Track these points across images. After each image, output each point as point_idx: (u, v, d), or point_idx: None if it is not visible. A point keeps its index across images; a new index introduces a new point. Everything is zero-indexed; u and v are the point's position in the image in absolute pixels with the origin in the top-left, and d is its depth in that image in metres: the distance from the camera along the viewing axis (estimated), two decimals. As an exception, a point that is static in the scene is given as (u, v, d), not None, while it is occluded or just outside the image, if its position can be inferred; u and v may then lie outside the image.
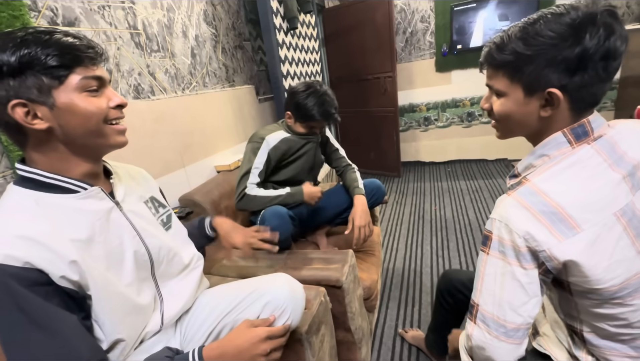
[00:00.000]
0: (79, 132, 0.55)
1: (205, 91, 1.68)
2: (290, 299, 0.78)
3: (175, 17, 1.50)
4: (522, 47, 0.54)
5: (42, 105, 0.52)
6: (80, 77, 0.54)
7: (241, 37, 2.04)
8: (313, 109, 1.28)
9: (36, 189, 0.55)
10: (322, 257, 1.18)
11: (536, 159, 0.59)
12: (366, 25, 3.02)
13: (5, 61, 0.48)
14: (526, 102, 0.57)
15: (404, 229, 2.35)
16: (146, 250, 0.67)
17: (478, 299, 0.60)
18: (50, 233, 0.52)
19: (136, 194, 0.72)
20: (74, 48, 0.53)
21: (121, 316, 0.60)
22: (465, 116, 3.41)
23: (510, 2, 2.84)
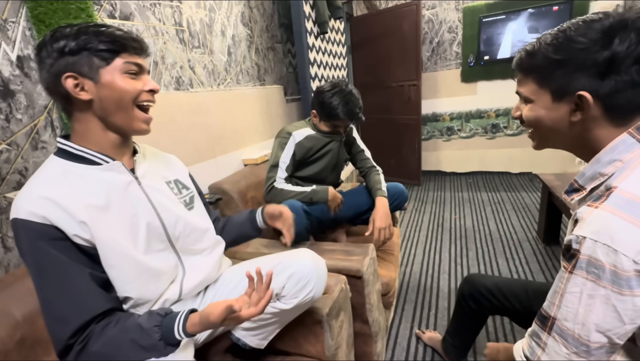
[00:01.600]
0: (113, 107, 0.65)
1: (238, 87, 1.77)
2: (314, 272, 0.82)
3: (215, 17, 1.60)
4: (552, 52, 0.54)
5: (90, 79, 0.62)
6: (123, 60, 0.64)
7: (274, 39, 2.13)
8: (337, 108, 1.32)
9: (67, 159, 0.65)
10: (343, 249, 1.21)
11: (605, 166, 0.55)
12: (393, 34, 3.08)
13: (67, 44, 0.61)
14: (554, 108, 0.57)
15: (423, 236, 2.34)
16: (160, 223, 0.73)
17: (555, 313, 0.56)
18: (68, 196, 0.61)
19: (159, 174, 0.79)
20: (121, 38, 0.64)
21: (131, 277, 0.67)
22: (489, 127, 3.39)
23: (541, 15, 2.83)
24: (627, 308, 0.48)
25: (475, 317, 1.08)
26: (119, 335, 0.60)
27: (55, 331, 0.59)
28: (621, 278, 0.47)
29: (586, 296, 0.51)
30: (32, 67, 0.90)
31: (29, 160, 0.89)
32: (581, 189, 0.60)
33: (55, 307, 0.59)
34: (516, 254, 1.99)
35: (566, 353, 0.54)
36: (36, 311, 0.73)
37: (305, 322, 0.91)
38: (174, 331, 0.61)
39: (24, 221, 0.57)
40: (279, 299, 0.83)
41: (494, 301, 0.98)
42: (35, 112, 0.91)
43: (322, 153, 1.45)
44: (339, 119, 1.35)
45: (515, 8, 2.91)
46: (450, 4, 3.19)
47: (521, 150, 3.32)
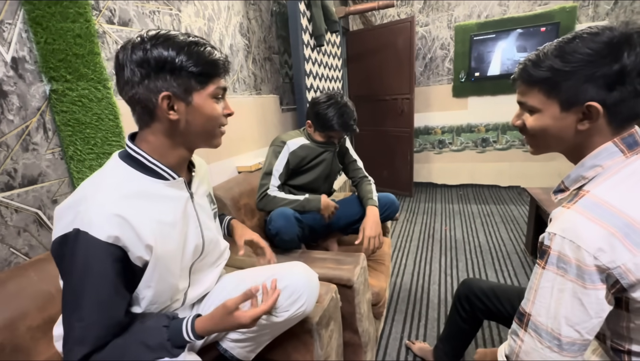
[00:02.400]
0: (199, 129, 0.64)
1: (234, 95, 1.77)
2: (306, 286, 0.81)
3: (214, 26, 1.61)
4: (560, 63, 0.55)
5: (182, 101, 0.60)
6: (215, 86, 0.63)
7: (271, 50, 2.15)
8: (332, 119, 1.33)
9: (137, 168, 0.63)
10: (334, 258, 1.20)
11: (587, 170, 0.58)
12: (387, 49, 3.13)
13: (170, 58, 0.57)
14: (562, 117, 0.58)
15: (414, 246, 2.34)
16: (202, 242, 0.73)
17: (530, 309, 0.58)
18: (139, 216, 0.58)
19: (203, 188, 0.78)
20: (217, 63, 0.62)
21: (164, 297, 0.67)
22: (479, 141, 3.43)
23: (529, 35, 2.91)
24: (591, 301, 0.51)
25: (469, 321, 1.08)
26: (126, 340, 0.58)
27: (74, 348, 0.56)
28: (584, 272, 0.51)
29: (557, 291, 0.54)
30: (27, 68, 0.89)
31: (18, 162, 0.87)
32: (566, 190, 0.63)
33: (86, 328, 0.56)
34: (505, 266, 1.99)
35: (540, 348, 0.56)
36: (17, 317, 0.70)
37: (295, 331, 0.89)
38: (182, 332, 0.61)
39: (97, 240, 0.54)
40: (270, 312, 0.81)
41: (489, 304, 0.99)
42: (27, 113, 0.89)
43: (316, 163, 1.44)
44: (334, 130, 1.36)
45: (504, 28, 2.99)
46: (442, 21, 3.27)
47: (510, 164, 3.36)
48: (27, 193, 0.89)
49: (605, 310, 0.53)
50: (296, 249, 1.30)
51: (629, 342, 0.57)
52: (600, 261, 0.49)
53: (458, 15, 3.20)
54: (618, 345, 0.58)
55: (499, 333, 1.43)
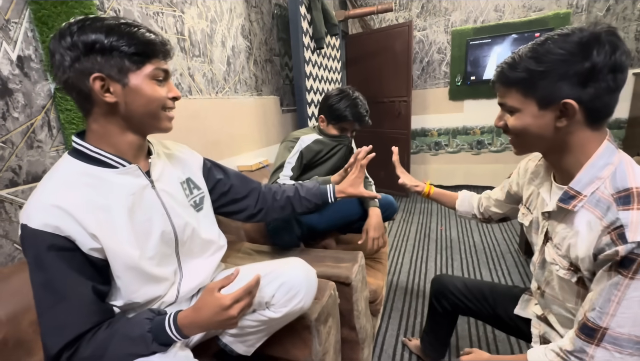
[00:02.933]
0: (140, 111, 0.61)
1: (235, 96, 1.77)
2: (304, 282, 0.80)
3: (217, 28, 1.61)
4: (535, 64, 0.57)
5: (117, 83, 0.58)
6: (153, 67, 0.61)
7: (272, 52, 2.15)
8: (345, 110, 1.33)
9: (83, 160, 0.61)
10: (333, 256, 1.20)
11: (601, 170, 0.58)
12: (386, 52, 3.14)
13: (99, 40, 0.55)
14: (541, 115, 0.59)
15: (410, 245, 2.34)
16: (172, 229, 0.70)
17: (607, 323, 0.55)
18: (81, 205, 0.57)
19: (173, 175, 0.75)
20: (153, 43, 0.60)
21: (138, 285, 0.64)
22: (475, 143, 3.45)
23: (524, 40, 2.93)
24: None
25: (449, 316, 1.09)
26: (110, 335, 0.57)
27: (48, 342, 0.55)
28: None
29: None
30: (32, 67, 0.89)
31: (23, 159, 0.87)
32: (578, 195, 0.60)
33: (53, 319, 0.55)
34: (499, 265, 2.00)
35: (619, 357, 0.54)
36: (20, 312, 0.70)
37: (293, 327, 0.89)
38: (165, 326, 0.59)
39: (35, 231, 0.54)
40: (268, 307, 0.81)
41: (462, 298, 1.01)
42: (32, 111, 0.89)
43: (329, 156, 1.44)
44: (347, 120, 1.35)
45: (500, 33, 3.01)
46: (440, 26, 3.28)
47: (504, 166, 3.38)
48: (31, 190, 0.88)
49: None
50: (295, 248, 1.30)
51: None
52: None
53: (455, 20, 3.21)
54: None
55: (483, 324, 1.43)
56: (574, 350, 0.59)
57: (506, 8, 3.03)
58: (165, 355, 0.59)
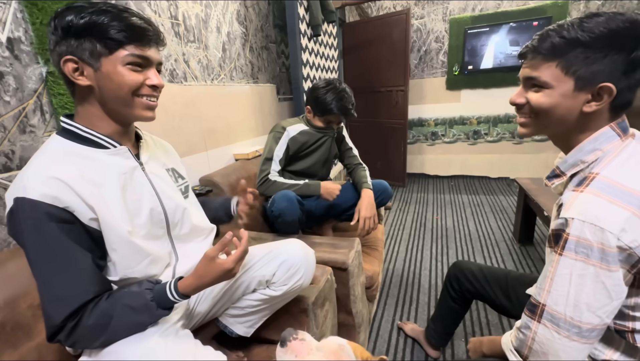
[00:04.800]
0: (111, 97, 0.61)
1: (231, 83, 1.75)
2: (304, 260, 0.82)
3: (211, 13, 1.58)
4: (587, 38, 0.52)
5: (89, 66, 0.59)
6: (127, 53, 0.59)
7: (268, 39, 2.12)
8: (331, 103, 1.33)
9: (73, 140, 0.61)
10: (329, 242, 1.21)
11: (587, 154, 0.57)
12: (383, 41, 3.10)
13: (74, 22, 0.56)
14: (573, 96, 0.55)
15: (406, 234, 2.36)
16: (162, 209, 0.71)
17: (545, 299, 0.56)
18: (77, 178, 0.57)
19: (160, 161, 0.77)
20: (130, 28, 0.58)
21: (134, 260, 0.65)
22: (471, 133, 3.45)
23: (522, 29, 2.91)
24: (614, 283, 0.51)
25: (459, 301, 1.10)
26: (111, 305, 0.58)
27: (51, 312, 0.56)
28: (608, 254, 0.50)
29: (576, 276, 0.52)
30: (23, 49, 0.87)
31: (16, 143, 0.85)
32: (562, 175, 0.61)
33: (55, 289, 0.56)
34: (493, 253, 2.03)
35: (558, 338, 0.55)
36: (17, 295, 0.70)
37: (291, 311, 0.90)
38: (167, 292, 0.61)
39: (34, 202, 0.53)
40: (269, 286, 0.82)
41: (476, 285, 1.01)
42: (24, 95, 0.87)
43: (315, 148, 1.45)
44: (333, 114, 1.36)
45: (498, 21, 2.98)
46: (438, 14, 3.25)
47: (500, 156, 3.40)
48: (25, 175, 0.87)
49: (625, 291, 0.52)
50: (293, 235, 1.31)
51: (633, 320, 0.56)
52: (622, 241, 0.49)
53: (453, 8, 3.18)
54: (621, 326, 0.58)
55: (486, 316, 1.46)
56: (521, 326, 0.61)
57: (505, -4, 3.00)
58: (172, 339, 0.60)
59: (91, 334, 0.56)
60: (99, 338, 0.57)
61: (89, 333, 0.56)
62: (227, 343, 0.89)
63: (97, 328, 0.56)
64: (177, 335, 0.63)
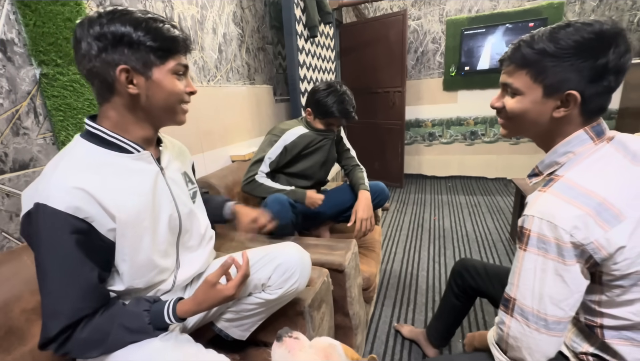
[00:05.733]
0: (160, 104, 0.64)
1: (227, 85, 1.75)
2: (299, 264, 0.82)
3: (207, 14, 1.58)
4: (553, 49, 0.55)
5: (141, 75, 0.61)
6: (175, 62, 0.63)
7: (264, 40, 2.12)
8: (332, 106, 1.33)
9: (97, 144, 0.62)
10: (326, 244, 1.21)
11: (560, 156, 0.61)
12: (380, 42, 3.11)
13: (127, 32, 0.57)
14: (543, 102, 0.59)
15: (403, 235, 2.37)
16: (178, 215, 0.72)
17: (515, 294, 0.59)
18: (101, 187, 0.58)
19: (176, 165, 0.77)
20: (177, 40, 0.63)
21: (143, 271, 0.66)
22: (468, 134, 3.47)
23: (518, 30, 2.93)
24: (572, 276, 0.54)
25: (462, 297, 1.11)
26: (107, 322, 0.59)
27: (48, 323, 0.56)
28: (563, 249, 0.53)
29: (539, 271, 0.56)
30: (16, 51, 0.86)
31: (9, 146, 0.85)
32: (539, 174, 0.65)
33: (56, 301, 0.56)
34: (490, 254, 2.03)
35: (528, 331, 0.58)
36: (10, 300, 0.69)
37: (287, 313, 0.90)
38: (164, 315, 0.62)
39: (56, 211, 0.54)
40: (264, 289, 0.82)
41: (479, 281, 1.02)
42: (17, 97, 0.87)
43: (314, 150, 1.45)
44: (334, 117, 1.36)
45: (494, 22, 3.00)
46: (434, 15, 3.26)
47: (497, 156, 3.41)
48: (18, 178, 0.87)
49: (584, 284, 0.55)
50: (289, 236, 1.31)
51: (600, 316, 0.59)
52: (575, 238, 0.52)
53: (449, 9, 3.20)
54: (591, 321, 0.61)
55: (483, 317, 1.47)
56: (499, 321, 0.64)
57: (501, -3, 3.02)
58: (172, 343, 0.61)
59: (83, 347, 0.57)
60: (92, 351, 0.58)
61: (81, 346, 0.57)
62: (223, 346, 0.89)
63: (90, 343, 0.57)
64: (177, 339, 0.63)
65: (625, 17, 2.71)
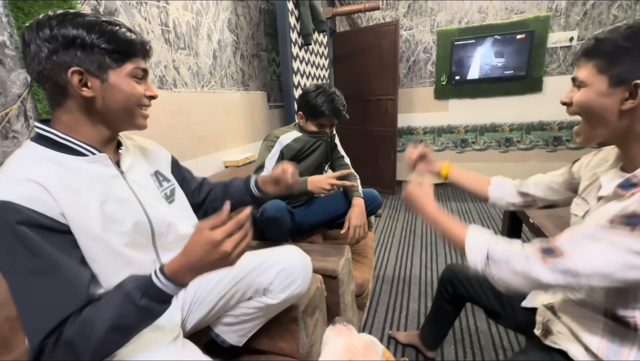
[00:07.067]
0: (117, 107, 0.62)
1: (222, 91, 1.75)
2: (301, 268, 0.82)
3: (202, 20, 1.59)
4: (622, 39, 0.56)
5: (96, 78, 0.59)
6: (133, 66, 0.62)
7: (259, 47, 2.13)
8: (322, 105, 1.35)
9: (49, 147, 0.59)
10: (319, 250, 1.21)
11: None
12: (373, 50, 3.16)
13: (80, 35, 0.56)
14: (608, 93, 0.58)
15: (396, 241, 2.38)
16: (147, 219, 0.68)
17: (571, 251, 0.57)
18: (56, 182, 0.55)
19: (143, 168, 0.74)
20: (133, 43, 0.62)
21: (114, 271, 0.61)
22: (459, 142, 3.52)
23: (507, 42, 3.02)
24: None
25: (452, 303, 1.11)
26: (93, 310, 0.53)
27: (32, 328, 0.51)
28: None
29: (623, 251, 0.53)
30: (7, 54, 0.85)
31: (-3, 149, 0.83)
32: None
33: (34, 303, 0.51)
34: (481, 260, 2.05)
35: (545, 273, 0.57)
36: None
37: (281, 320, 0.89)
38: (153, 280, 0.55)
39: (6, 204, 0.49)
40: (265, 294, 0.81)
41: (470, 290, 1.02)
42: (7, 100, 0.85)
43: (309, 152, 1.45)
44: (325, 115, 1.37)
45: (483, 34, 3.08)
46: (426, 26, 3.33)
47: (487, 164, 3.47)
48: (6, 182, 0.85)
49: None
50: (284, 242, 1.30)
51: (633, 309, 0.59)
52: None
53: (440, 20, 3.27)
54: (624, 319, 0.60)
55: (475, 323, 1.47)
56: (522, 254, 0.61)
57: (489, 10, 3.11)
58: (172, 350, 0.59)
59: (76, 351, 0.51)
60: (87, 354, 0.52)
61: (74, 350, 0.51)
62: (218, 352, 0.88)
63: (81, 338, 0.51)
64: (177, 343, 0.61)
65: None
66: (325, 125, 1.42)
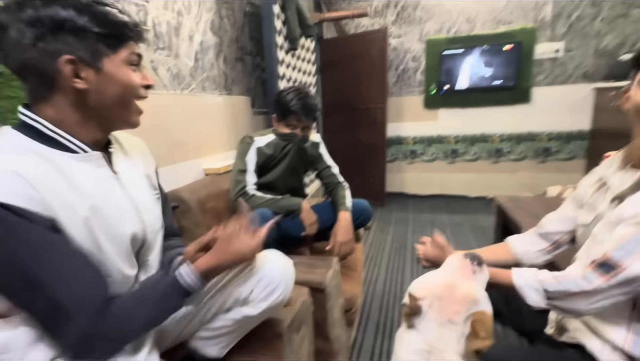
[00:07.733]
0: (114, 100, 0.58)
1: (203, 94, 1.75)
2: (282, 275, 0.81)
3: (184, 21, 1.59)
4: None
5: (90, 67, 0.54)
6: (129, 51, 0.58)
7: (243, 51, 2.15)
8: (291, 102, 1.37)
9: (34, 138, 0.53)
10: (306, 262, 1.20)
11: None
12: (361, 58, 3.24)
13: (69, 17, 0.51)
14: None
15: (386, 255, 2.38)
16: (142, 227, 0.65)
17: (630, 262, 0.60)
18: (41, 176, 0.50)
19: (137, 168, 0.71)
20: (128, 26, 0.58)
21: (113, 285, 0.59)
22: (449, 152, 3.61)
23: (495, 52, 3.16)
24: None
25: None
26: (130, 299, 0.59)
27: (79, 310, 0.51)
28: None
29: None
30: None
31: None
32: None
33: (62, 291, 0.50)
34: (474, 274, 2.08)
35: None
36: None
37: (265, 335, 0.87)
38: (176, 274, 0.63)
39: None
40: (246, 304, 0.79)
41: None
42: (-34, 97, 0.82)
43: (280, 158, 1.47)
44: (294, 113, 1.38)
45: (472, 44, 3.22)
46: (414, 34, 3.45)
47: (478, 175, 3.56)
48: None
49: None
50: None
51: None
52: None
53: (429, 29, 3.40)
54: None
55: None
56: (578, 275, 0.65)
57: (477, 20, 3.26)
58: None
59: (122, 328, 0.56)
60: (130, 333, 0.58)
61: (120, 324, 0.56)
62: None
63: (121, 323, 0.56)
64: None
65: (591, 43, 2.99)
66: (296, 125, 1.43)
